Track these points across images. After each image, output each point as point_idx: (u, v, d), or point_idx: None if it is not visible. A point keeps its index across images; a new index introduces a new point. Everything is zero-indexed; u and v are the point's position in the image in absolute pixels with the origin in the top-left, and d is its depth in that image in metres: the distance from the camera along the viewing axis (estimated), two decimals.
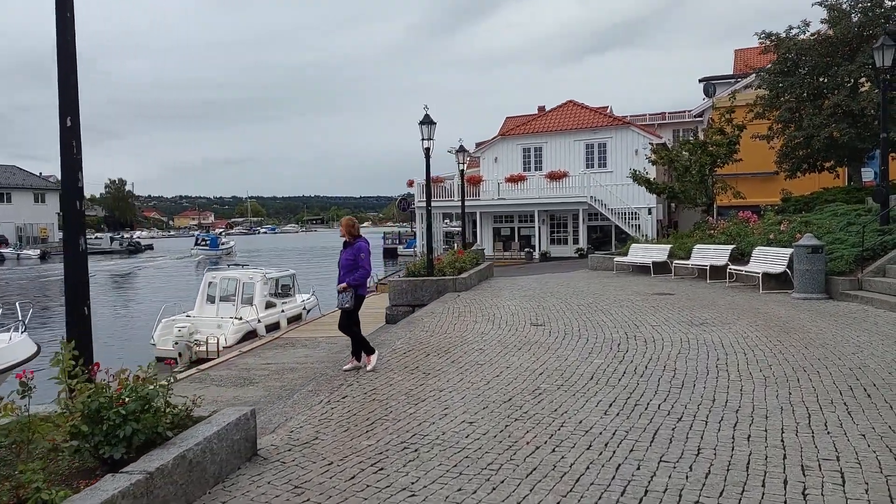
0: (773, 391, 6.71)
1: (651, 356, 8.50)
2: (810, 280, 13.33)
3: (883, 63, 14.07)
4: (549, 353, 8.83)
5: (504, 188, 33.81)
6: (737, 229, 18.39)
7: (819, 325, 10.41)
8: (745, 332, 10.02)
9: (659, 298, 14.26)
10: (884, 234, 13.99)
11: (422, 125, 17.44)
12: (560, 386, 7.13)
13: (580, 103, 36.39)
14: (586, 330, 10.59)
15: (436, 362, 8.53)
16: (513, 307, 13.48)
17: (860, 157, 21.60)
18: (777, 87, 21.69)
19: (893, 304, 11.44)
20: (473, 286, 18.10)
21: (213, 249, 73.63)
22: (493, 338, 10.14)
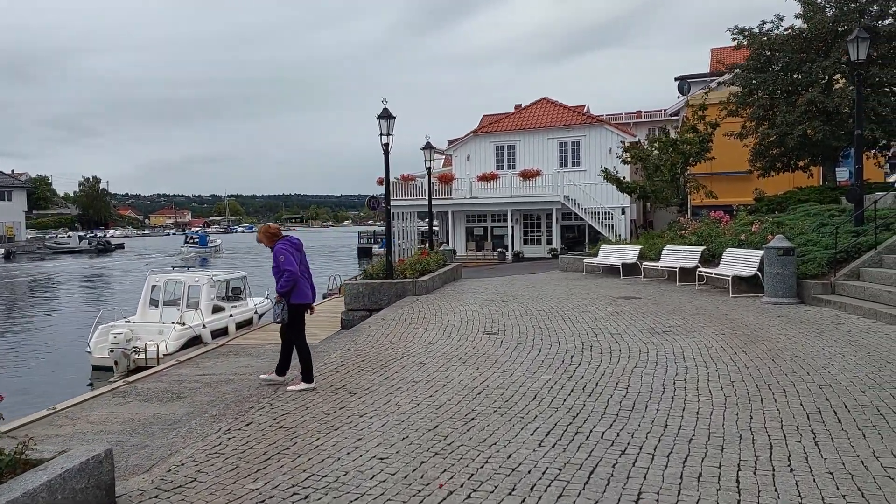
0: (733, 414, 5.97)
1: (604, 371, 7.73)
2: (781, 284, 12.68)
3: (857, 56, 13.46)
4: (494, 368, 8.03)
5: (476, 187, 33.02)
6: (708, 230, 17.75)
7: (789, 333, 9.73)
8: (709, 341, 9.31)
9: (624, 303, 13.55)
10: (858, 235, 13.39)
11: (380, 119, 16.56)
12: (497, 409, 6.33)
13: (554, 100, 35.69)
14: (541, 339, 9.82)
15: (367, 379, 7.69)
16: (470, 313, 12.69)
17: (835, 155, 21.09)
18: (750, 83, 21.11)
19: (867, 310, 10.81)
20: (436, 289, 17.28)
21: (203, 247, 73.27)
22: (438, 349, 9.32)
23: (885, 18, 19.66)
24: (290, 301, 7.47)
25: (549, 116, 34.53)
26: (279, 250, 7.48)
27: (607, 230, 30.74)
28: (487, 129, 35.15)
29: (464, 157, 34.83)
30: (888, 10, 19.55)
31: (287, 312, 7.51)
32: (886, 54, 19.40)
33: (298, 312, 7.58)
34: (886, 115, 19.21)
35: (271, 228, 7.87)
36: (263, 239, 7.69)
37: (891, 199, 14.57)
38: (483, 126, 35.46)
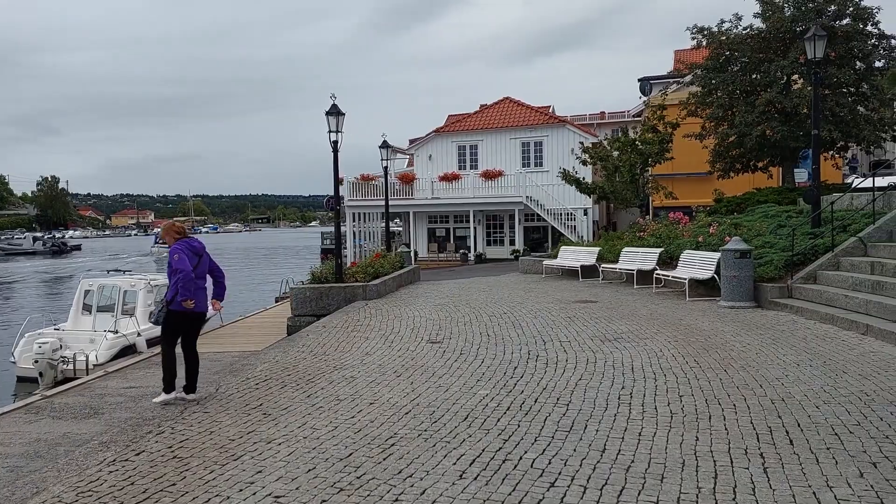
0: (678, 435, 5.46)
1: (546, 384, 7.19)
2: (738, 287, 12.33)
3: (814, 55, 13.20)
4: (430, 382, 7.43)
5: (438, 187, 32.39)
6: (666, 231, 17.43)
7: (743, 340, 9.32)
8: (661, 349, 8.84)
9: (579, 307, 13.08)
10: (815, 237, 13.12)
11: (328, 116, 15.89)
12: (423, 432, 5.72)
13: (517, 100, 35.22)
14: (486, 348, 9.25)
15: (287, 397, 7.03)
16: (418, 319, 12.08)
17: (793, 156, 20.98)
18: (710, 83, 20.90)
19: (824, 315, 10.48)
20: (388, 293, 16.64)
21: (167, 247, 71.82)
22: (375, 361, 8.69)
23: (843, 18, 19.61)
24: (170, 306, 6.86)
25: (511, 116, 34.08)
26: (174, 249, 6.93)
27: (570, 231, 30.38)
28: (449, 128, 34.57)
29: (425, 157, 34.20)
30: (845, 10, 19.50)
31: (163, 315, 6.95)
32: (844, 55, 19.33)
33: (177, 321, 6.95)
34: (844, 116, 19.14)
35: (175, 226, 7.29)
36: (166, 236, 7.13)
37: (847, 201, 14.36)
38: (445, 125, 34.87)
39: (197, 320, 7.23)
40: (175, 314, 6.97)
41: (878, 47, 19.66)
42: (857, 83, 19.57)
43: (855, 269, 11.64)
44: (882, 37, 19.68)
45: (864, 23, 19.41)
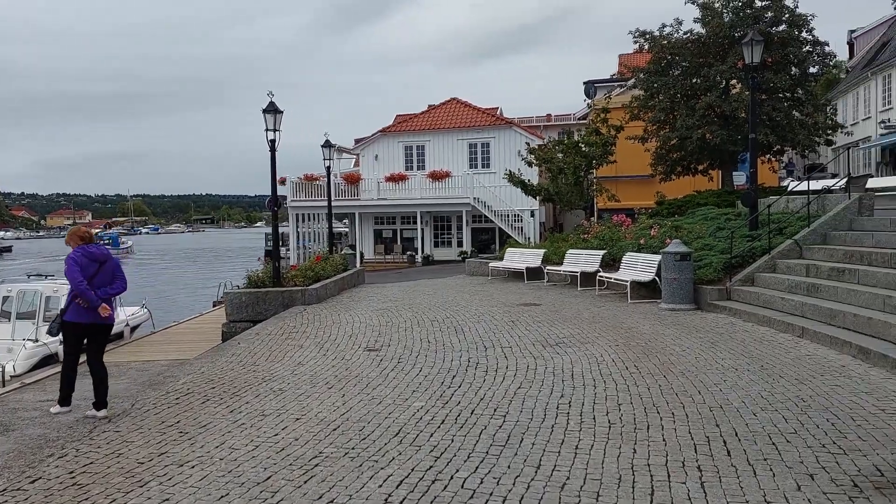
0: (616, 447, 5.27)
1: (485, 394, 6.94)
2: (678, 289, 12.37)
3: (752, 59, 13.38)
4: (363, 394, 7.09)
5: (384, 187, 31.97)
6: (610, 233, 17.48)
7: (683, 344, 9.28)
8: (602, 354, 8.71)
9: (523, 310, 12.92)
10: (752, 239, 13.29)
11: (265, 114, 15.34)
12: (350, 450, 5.38)
13: (464, 101, 35.11)
14: (426, 356, 8.96)
15: (209, 412, 6.59)
16: (357, 325, 11.70)
17: (732, 159, 21.42)
18: (652, 87, 21.13)
19: (762, 317, 10.56)
20: (329, 297, 16.18)
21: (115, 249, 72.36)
22: (307, 371, 8.29)
23: (779, 25, 20.09)
24: (64, 317, 6.44)
25: (459, 117, 33.93)
26: (68, 257, 6.52)
27: (517, 233, 30.40)
28: (396, 128, 34.18)
29: (371, 157, 33.73)
30: (782, 16, 19.98)
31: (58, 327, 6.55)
32: (780, 60, 19.80)
33: (72, 332, 6.52)
34: (780, 121, 19.60)
35: (80, 231, 6.86)
36: (70, 241, 6.69)
37: (784, 204, 14.63)
38: (392, 125, 34.45)
39: (98, 332, 6.74)
40: (69, 325, 6.53)
41: (812, 53, 20.25)
42: (793, 88, 20.09)
43: (791, 271, 11.81)
44: (816, 43, 20.27)
45: (800, 29, 19.95)
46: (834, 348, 8.53)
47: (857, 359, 7.97)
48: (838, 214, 12.35)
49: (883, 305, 8.80)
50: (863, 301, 9.25)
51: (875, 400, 6.32)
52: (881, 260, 10.13)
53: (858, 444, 5.16)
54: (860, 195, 12.39)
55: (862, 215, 12.23)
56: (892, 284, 9.22)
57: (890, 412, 5.95)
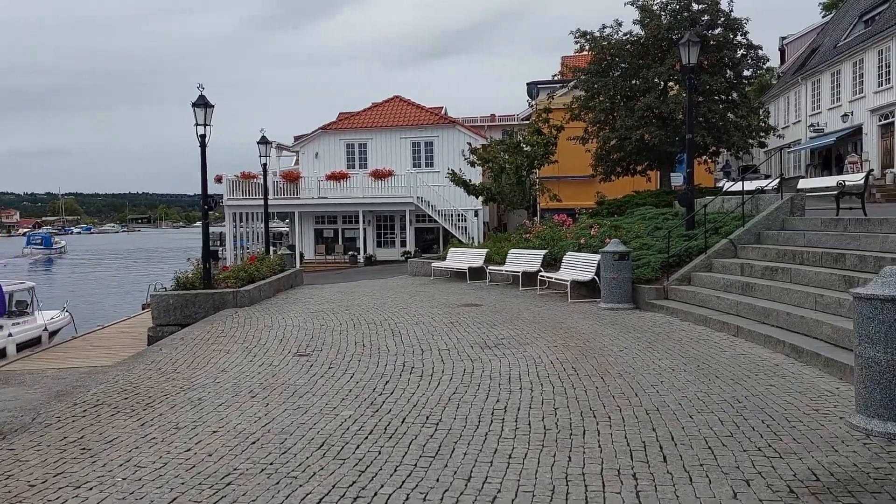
0: (550, 456, 5.04)
1: (418, 401, 6.62)
2: (617, 289, 12.35)
3: (688, 60, 13.49)
4: (288, 403, 6.68)
5: (325, 186, 31.29)
6: (551, 233, 17.44)
7: (621, 343, 9.18)
8: (540, 355, 8.52)
9: (463, 311, 12.67)
10: (689, 239, 13.40)
11: (195, 108, 14.68)
12: (268, 466, 4.99)
13: (407, 99, 34.76)
14: (359, 360, 8.59)
15: (117, 427, 6.07)
16: (289, 329, 11.22)
17: (670, 160, 21.74)
18: (592, 88, 21.25)
19: (698, 317, 10.59)
20: (263, 299, 15.60)
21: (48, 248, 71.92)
22: (230, 378, 7.81)
23: (715, 28, 20.48)
24: None
25: (401, 115, 33.55)
26: None
27: (460, 232, 30.23)
28: (337, 125, 33.55)
29: (312, 155, 33.01)
30: (717, 20, 20.38)
31: None
32: (716, 63, 20.19)
33: None
34: (716, 122, 19.98)
35: None
36: None
37: (719, 204, 14.84)
38: (333, 123, 33.79)
39: None
40: None
41: (746, 57, 20.72)
42: (728, 91, 20.52)
43: (726, 270, 11.93)
44: (750, 47, 20.76)
45: (735, 33, 20.39)
46: (768, 347, 8.56)
47: (790, 357, 8.00)
48: (771, 214, 12.55)
49: (815, 304, 8.90)
50: (795, 300, 9.34)
51: (809, 400, 6.29)
52: (812, 259, 10.29)
53: (794, 447, 5.07)
54: (792, 195, 12.63)
55: (794, 215, 12.46)
56: (823, 283, 9.34)
57: (823, 412, 5.92)
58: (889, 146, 29.01)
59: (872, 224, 10.24)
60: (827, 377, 7.09)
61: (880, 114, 29.49)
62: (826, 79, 34.35)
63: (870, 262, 9.03)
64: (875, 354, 5.28)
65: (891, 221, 9.89)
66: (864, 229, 10.30)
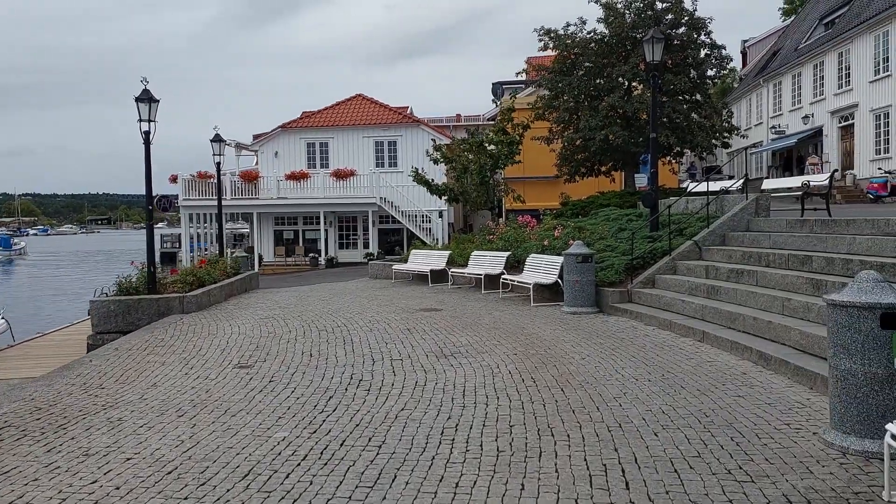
0: (501, 483, 4.53)
1: (362, 419, 6.06)
2: (580, 292, 11.93)
3: (653, 57, 13.17)
4: (218, 423, 6.06)
5: (285, 186, 30.41)
6: (514, 234, 17.00)
7: (583, 351, 8.74)
8: (499, 364, 8.03)
9: (422, 316, 12.13)
10: (653, 240, 13.06)
11: (139, 102, 13.87)
12: (182, 501, 4.38)
13: (370, 97, 34.06)
14: (304, 372, 7.99)
15: (20, 453, 5.39)
16: (235, 337, 10.55)
17: (634, 160, 21.50)
18: (556, 87, 20.90)
19: (662, 321, 10.21)
20: (213, 304, 14.84)
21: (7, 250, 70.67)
22: (160, 395, 7.14)
23: (679, 28, 20.30)
24: None
25: (365, 114, 32.85)
26: None
27: (425, 234, 29.68)
28: (297, 124, 32.67)
29: (271, 154, 32.10)
30: (681, 19, 20.19)
31: None
32: (680, 63, 20.00)
33: None
34: (680, 123, 19.79)
35: None
36: None
37: (683, 205, 14.57)
38: (293, 121, 32.90)
39: None
40: None
41: (710, 57, 20.59)
42: (692, 91, 20.35)
43: (691, 273, 11.60)
44: (714, 46, 20.63)
45: (698, 32, 20.23)
46: (734, 353, 8.20)
47: (757, 365, 7.65)
48: (736, 215, 12.27)
49: (782, 308, 8.57)
50: (762, 304, 9.01)
51: (779, 413, 5.90)
52: (779, 261, 9.99)
53: (766, 469, 4.64)
54: (757, 196, 12.37)
55: (759, 216, 12.20)
56: (790, 286, 9.03)
57: (795, 427, 5.53)
58: (849, 148, 29.33)
59: (839, 225, 9.98)
60: (797, 387, 6.73)
61: (840, 115, 29.82)
62: (787, 81, 34.68)
63: (837, 265, 8.75)
64: (851, 366, 4.89)
65: (857, 223, 9.64)
66: (830, 230, 10.04)
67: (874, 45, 26.95)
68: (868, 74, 27.18)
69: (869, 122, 27.38)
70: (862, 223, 9.53)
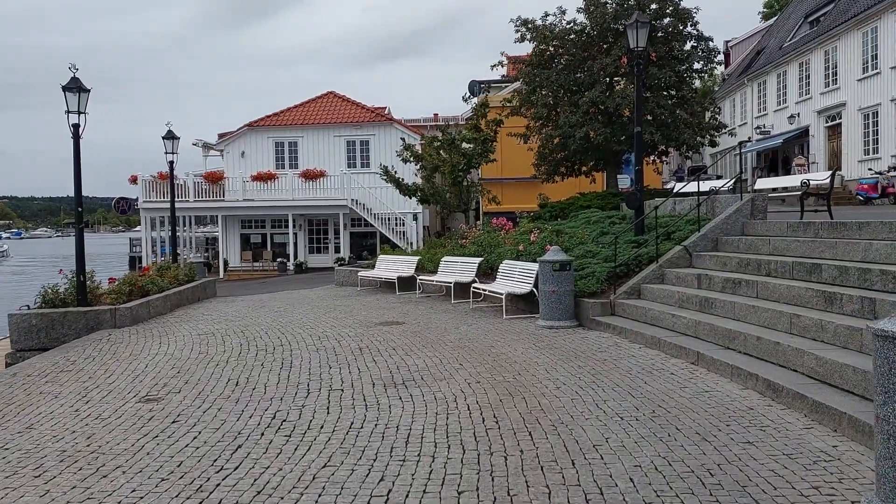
0: None
1: (267, 482, 4.69)
2: (557, 304, 10.63)
3: (637, 43, 11.94)
4: (79, 488, 4.66)
5: (251, 187, 28.86)
6: (488, 238, 15.67)
7: (559, 376, 7.43)
8: (457, 396, 6.70)
9: (379, 332, 10.77)
10: (639, 245, 11.81)
11: (67, 92, 12.40)
12: None
13: (342, 95, 32.60)
14: (220, 408, 6.60)
15: None
16: (156, 359, 9.12)
17: (616, 159, 20.28)
18: (534, 81, 19.62)
19: (650, 338, 8.94)
20: (154, 316, 13.37)
21: None
22: (30, 441, 5.72)
23: (664, 18, 19.13)
24: None
25: (336, 112, 31.40)
26: None
27: (399, 238, 28.31)
28: (265, 122, 31.11)
29: (237, 154, 30.54)
30: (666, 9, 19.03)
31: None
32: (665, 56, 18.83)
33: None
34: (665, 119, 18.60)
35: None
36: None
37: (671, 206, 13.35)
38: (260, 119, 31.35)
39: None
40: None
41: (696, 49, 19.44)
42: (678, 85, 19.18)
43: (681, 282, 10.35)
44: (700, 38, 19.47)
45: (684, 24, 19.08)
46: (736, 381, 6.94)
47: (765, 397, 6.38)
48: (730, 217, 11.04)
49: (789, 326, 7.32)
50: (765, 320, 7.77)
51: (803, 470, 4.62)
52: (781, 270, 8.76)
53: None
54: (752, 196, 11.15)
55: (755, 218, 10.98)
56: (798, 300, 7.79)
57: (827, 492, 4.26)
58: (836, 148, 28.42)
59: (849, 229, 8.76)
60: (817, 428, 5.47)
61: (827, 115, 28.92)
62: (772, 80, 33.79)
63: (853, 275, 7.51)
64: None
65: (872, 226, 8.43)
66: (839, 235, 8.82)
67: (862, 41, 26.06)
68: (856, 72, 26.28)
69: (857, 122, 26.47)
70: (878, 226, 8.32)
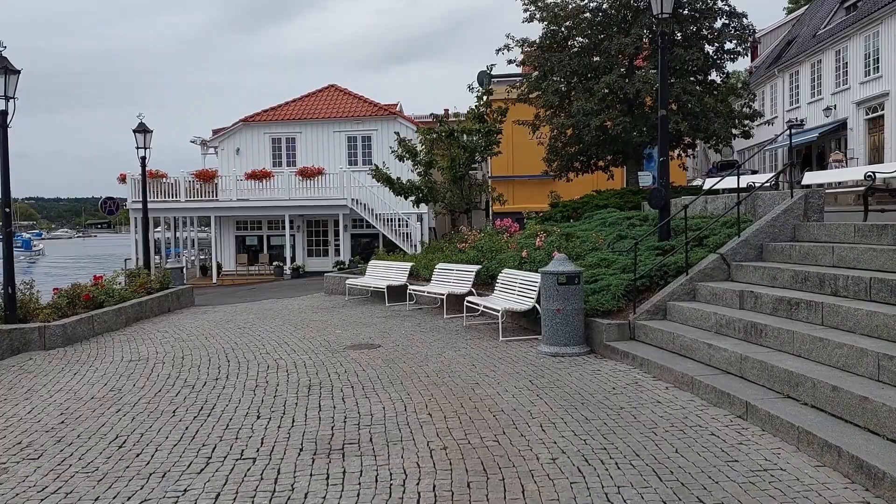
0: None
1: None
2: (563, 325, 8.60)
3: (661, 10, 9.87)
4: None
5: (246, 186, 27.10)
6: (489, 242, 13.65)
7: (558, 438, 5.42)
8: (410, 475, 4.75)
9: (347, 360, 8.84)
10: (664, 252, 9.73)
11: None
12: None
13: (343, 88, 30.73)
14: (66, 493, 4.69)
15: None
16: (54, 398, 7.27)
17: (637, 153, 18.12)
18: (544, 64, 17.54)
19: (680, 376, 6.89)
20: (101, 332, 11.59)
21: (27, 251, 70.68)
22: None
23: None
24: None
25: (336, 106, 29.55)
26: None
27: (402, 240, 26.39)
28: (261, 117, 29.33)
29: (232, 151, 28.81)
30: None
31: None
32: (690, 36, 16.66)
33: None
34: (692, 108, 16.43)
35: None
36: None
37: (701, 205, 11.26)
38: (256, 114, 29.59)
39: None
40: None
41: (728, 26, 17.21)
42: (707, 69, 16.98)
43: (718, 300, 8.27)
44: (733, 14, 17.23)
45: None
46: (807, 452, 4.90)
47: (854, 483, 4.34)
48: (778, 219, 8.91)
49: (877, 371, 5.27)
50: (839, 359, 5.70)
51: None
52: (854, 288, 6.66)
53: None
54: (806, 193, 8.99)
55: (810, 220, 8.85)
56: (886, 331, 5.70)
57: None
58: (878, 142, 26.00)
59: None
60: None
61: (867, 106, 26.51)
62: (805, 70, 31.41)
63: None
64: None
65: None
66: None
67: None
68: None
69: None
70: None
